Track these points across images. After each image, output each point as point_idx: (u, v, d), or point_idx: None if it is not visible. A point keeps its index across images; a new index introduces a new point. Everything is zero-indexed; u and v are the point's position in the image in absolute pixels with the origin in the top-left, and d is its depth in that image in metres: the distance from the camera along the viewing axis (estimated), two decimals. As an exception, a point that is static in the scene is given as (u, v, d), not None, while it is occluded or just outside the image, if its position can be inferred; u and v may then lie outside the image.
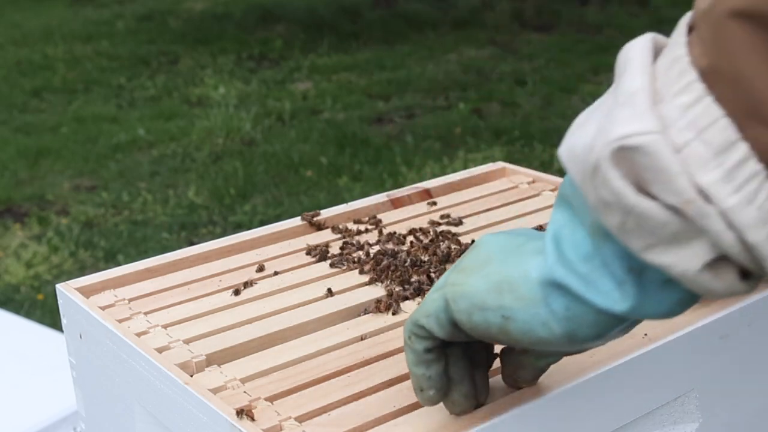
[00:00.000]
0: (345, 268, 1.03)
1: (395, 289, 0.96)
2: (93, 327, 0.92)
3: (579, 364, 0.80)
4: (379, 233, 1.11)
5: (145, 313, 0.94)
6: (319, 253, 1.06)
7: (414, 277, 0.98)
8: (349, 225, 1.14)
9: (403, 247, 1.07)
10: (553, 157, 4.30)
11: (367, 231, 1.12)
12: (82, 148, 4.82)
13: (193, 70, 6.24)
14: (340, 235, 1.11)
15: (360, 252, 1.06)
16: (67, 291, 0.97)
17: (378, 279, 0.99)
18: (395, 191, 1.22)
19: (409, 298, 0.94)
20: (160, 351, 0.86)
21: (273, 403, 0.77)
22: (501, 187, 1.25)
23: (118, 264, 3.36)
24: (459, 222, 1.14)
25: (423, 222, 1.14)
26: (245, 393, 0.79)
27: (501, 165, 1.31)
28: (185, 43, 6.86)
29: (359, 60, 6.33)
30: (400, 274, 0.99)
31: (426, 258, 1.03)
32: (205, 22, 7.49)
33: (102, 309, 0.94)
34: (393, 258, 1.02)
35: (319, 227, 1.14)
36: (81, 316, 0.94)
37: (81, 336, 0.95)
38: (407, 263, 1.01)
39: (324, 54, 6.50)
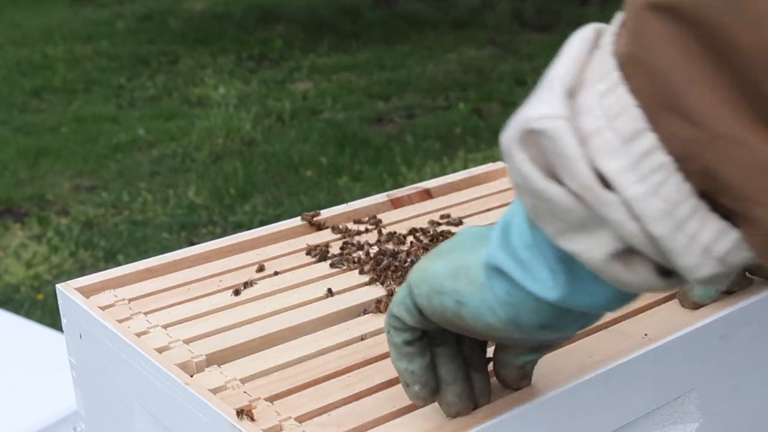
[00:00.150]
0: (345, 268, 1.03)
1: (395, 289, 0.96)
2: (93, 327, 0.92)
3: (579, 364, 0.80)
4: (379, 233, 1.11)
5: (145, 313, 0.94)
6: (319, 253, 1.06)
7: (414, 277, 0.98)
8: (349, 225, 1.14)
9: (403, 247, 1.07)
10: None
11: (367, 231, 1.12)
12: (82, 148, 4.82)
13: (193, 70, 6.24)
14: (340, 235, 1.11)
15: (360, 252, 1.06)
16: (67, 291, 0.97)
17: (378, 279, 0.99)
18: (395, 191, 1.22)
19: (409, 298, 0.94)
20: (160, 351, 0.85)
21: (273, 403, 0.77)
22: (501, 187, 1.25)
23: (118, 264, 3.36)
24: (459, 222, 1.14)
25: (423, 222, 1.14)
26: (245, 393, 0.79)
27: (501, 165, 1.31)
28: (185, 43, 6.86)
29: (359, 60, 6.33)
30: (400, 274, 0.99)
31: (426, 258, 1.03)
32: (205, 22, 7.49)
33: (102, 309, 0.94)
34: (393, 258, 1.02)
35: (319, 227, 1.14)
36: (81, 316, 0.94)
37: (81, 336, 0.95)
38: (407, 263, 1.01)
39: (324, 54, 6.50)
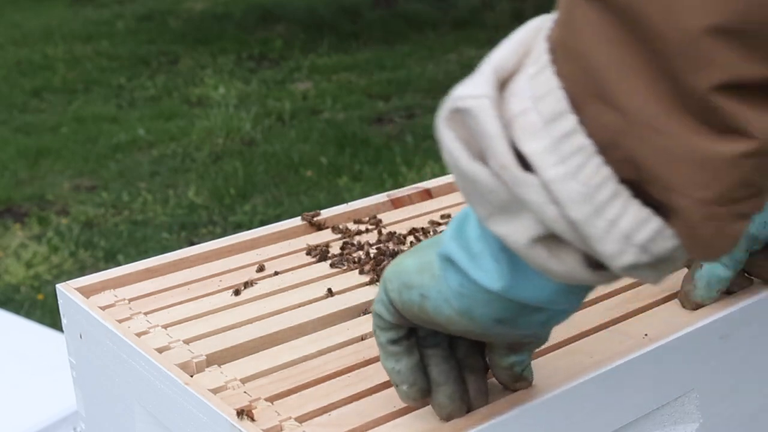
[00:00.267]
0: (345, 268, 1.03)
1: (395, 289, 0.96)
2: (93, 327, 0.92)
3: (579, 364, 0.80)
4: (380, 233, 1.11)
5: (145, 313, 0.94)
6: (320, 253, 1.06)
7: (414, 277, 0.98)
8: (350, 225, 1.14)
9: (404, 247, 1.07)
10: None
11: (368, 231, 1.12)
12: (82, 148, 4.82)
13: (193, 70, 6.24)
14: (340, 235, 1.11)
15: (360, 252, 1.06)
16: (67, 291, 0.97)
17: (378, 279, 0.99)
18: (395, 191, 1.22)
19: (409, 298, 0.94)
20: (160, 351, 0.85)
21: (273, 404, 0.77)
22: (501, 187, 1.25)
23: (118, 264, 3.36)
24: (459, 222, 1.14)
25: (423, 222, 1.14)
26: (245, 393, 0.79)
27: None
28: (185, 43, 6.86)
29: (359, 60, 6.33)
30: (400, 274, 0.99)
31: (426, 258, 1.03)
32: (205, 22, 7.49)
33: (102, 309, 0.94)
34: (393, 258, 1.02)
35: (319, 227, 1.14)
36: (81, 316, 0.94)
37: (81, 336, 0.95)
38: (407, 263, 1.01)
39: (324, 54, 6.50)
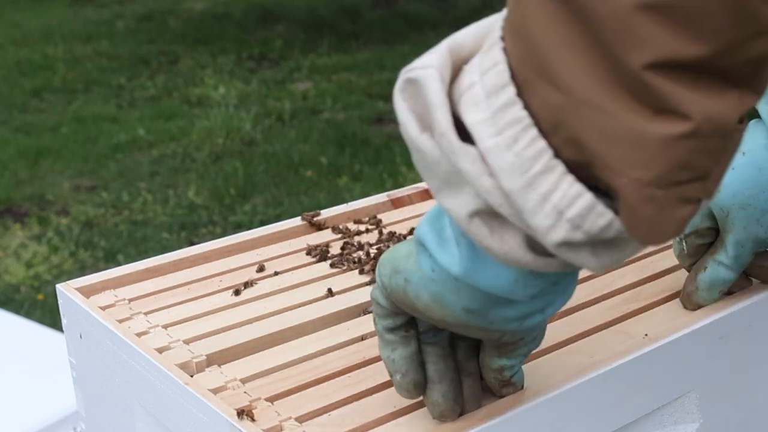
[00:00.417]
0: (345, 268, 1.03)
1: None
2: (93, 327, 0.92)
3: (579, 364, 0.80)
4: (380, 233, 1.11)
5: (146, 313, 0.94)
6: (320, 253, 1.06)
7: (414, 277, 0.98)
8: (350, 225, 1.14)
9: (404, 247, 1.07)
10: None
11: (368, 231, 1.12)
12: (82, 148, 4.82)
13: (193, 70, 6.24)
14: (340, 235, 1.11)
15: (360, 252, 1.06)
16: (67, 291, 0.97)
17: (378, 279, 0.99)
18: (395, 191, 1.22)
19: (410, 298, 0.94)
20: (160, 351, 0.85)
21: (273, 404, 0.77)
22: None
23: (118, 264, 3.36)
24: (459, 222, 1.14)
25: (423, 222, 1.14)
26: (245, 393, 0.79)
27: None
28: (185, 43, 6.86)
29: (359, 60, 6.33)
30: (400, 274, 0.99)
31: (426, 258, 1.03)
32: (205, 22, 7.49)
33: (102, 309, 0.94)
34: (393, 258, 1.02)
35: (320, 227, 1.14)
36: (81, 316, 0.94)
37: (81, 336, 0.95)
38: (407, 263, 1.01)
39: (324, 54, 6.50)
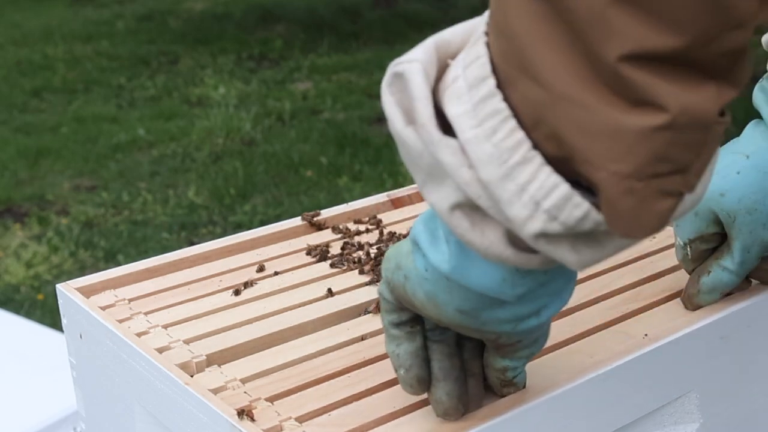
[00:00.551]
0: (345, 268, 1.03)
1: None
2: (93, 327, 0.92)
3: (579, 364, 0.80)
4: (380, 233, 1.11)
5: (146, 313, 0.94)
6: (320, 253, 1.06)
7: (414, 277, 0.98)
8: (350, 225, 1.14)
9: (404, 247, 1.07)
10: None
11: (368, 231, 1.12)
12: (82, 148, 4.82)
13: (193, 70, 6.24)
14: (340, 235, 1.11)
15: (360, 252, 1.06)
16: (67, 291, 0.97)
17: (378, 279, 0.99)
18: (396, 191, 1.22)
19: (410, 298, 0.94)
20: (160, 351, 0.85)
21: (273, 404, 0.77)
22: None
23: (118, 264, 3.36)
24: (459, 222, 1.14)
25: (423, 222, 1.14)
26: (245, 393, 0.79)
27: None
28: (185, 43, 6.86)
29: (359, 60, 6.33)
30: (400, 274, 0.99)
31: (426, 258, 1.03)
32: (205, 22, 7.49)
33: (102, 309, 0.94)
34: (393, 258, 1.02)
35: (320, 227, 1.14)
36: (81, 316, 0.94)
37: (81, 336, 0.95)
38: (407, 263, 1.01)
39: (324, 54, 6.50)
